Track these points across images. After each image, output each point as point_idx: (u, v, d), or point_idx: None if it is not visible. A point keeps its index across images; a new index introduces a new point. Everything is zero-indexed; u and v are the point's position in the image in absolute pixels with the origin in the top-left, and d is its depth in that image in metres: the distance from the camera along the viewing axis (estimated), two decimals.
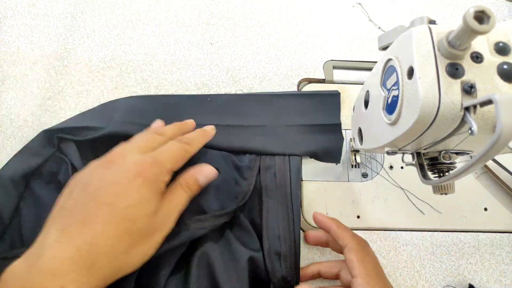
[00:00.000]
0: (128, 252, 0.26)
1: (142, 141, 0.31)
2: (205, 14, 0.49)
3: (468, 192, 0.42)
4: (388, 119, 0.26)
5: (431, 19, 0.25)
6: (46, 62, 0.45)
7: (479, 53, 0.23)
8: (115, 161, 0.28)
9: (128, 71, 0.45)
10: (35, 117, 0.42)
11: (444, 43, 0.22)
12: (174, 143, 0.32)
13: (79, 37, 0.47)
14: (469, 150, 0.27)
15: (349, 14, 0.51)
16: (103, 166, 0.28)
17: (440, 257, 0.39)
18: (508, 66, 0.22)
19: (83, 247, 0.24)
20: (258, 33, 0.49)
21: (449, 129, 0.23)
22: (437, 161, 0.27)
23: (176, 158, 0.31)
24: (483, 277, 0.38)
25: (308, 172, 0.42)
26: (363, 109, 0.33)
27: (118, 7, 0.49)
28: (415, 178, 0.29)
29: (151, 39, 0.47)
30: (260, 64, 0.47)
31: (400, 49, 0.25)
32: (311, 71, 0.47)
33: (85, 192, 0.27)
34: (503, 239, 0.40)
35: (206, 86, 0.45)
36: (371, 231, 0.40)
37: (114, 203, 0.26)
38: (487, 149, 0.19)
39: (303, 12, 0.50)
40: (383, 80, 0.29)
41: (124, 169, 0.28)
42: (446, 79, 0.22)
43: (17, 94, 0.43)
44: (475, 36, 0.21)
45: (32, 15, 0.47)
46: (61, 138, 0.38)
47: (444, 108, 0.22)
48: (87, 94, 0.44)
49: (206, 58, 0.47)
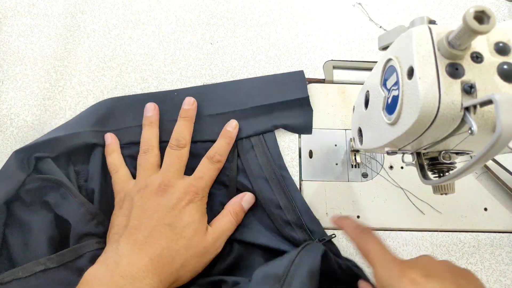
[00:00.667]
0: (183, 266, 0.32)
1: (176, 164, 0.37)
2: (205, 14, 0.49)
3: (468, 192, 0.42)
4: (388, 119, 0.26)
5: (431, 19, 0.25)
6: (46, 62, 0.45)
7: (479, 53, 0.23)
8: (167, 190, 0.34)
9: (128, 71, 0.45)
10: (35, 117, 0.42)
11: (444, 43, 0.22)
12: (209, 167, 0.38)
13: (79, 37, 0.47)
14: (469, 150, 0.27)
15: (349, 14, 0.51)
16: (157, 194, 0.34)
17: (440, 257, 0.39)
18: (508, 66, 0.22)
19: (153, 257, 0.30)
20: (258, 33, 0.49)
21: (449, 129, 0.23)
22: (437, 161, 0.27)
23: (211, 179, 0.38)
24: (483, 277, 0.38)
25: (308, 172, 0.42)
26: (363, 109, 0.33)
27: (118, 7, 0.49)
28: (415, 178, 0.29)
29: (151, 39, 0.47)
30: (260, 64, 0.47)
31: (400, 49, 0.25)
32: (311, 71, 0.47)
33: (145, 215, 0.33)
34: (503, 239, 0.40)
35: None
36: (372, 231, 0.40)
37: (174, 224, 0.33)
38: (487, 149, 0.19)
39: (303, 12, 0.50)
40: (383, 80, 0.29)
41: (176, 197, 0.34)
42: (446, 79, 0.22)
43: (17, 94, 0.43)
44: (475, 36, 0.21)
45: (32, 15, 0.47)
46: (37, 158, 0.37)
47: (444, 108, 0.22)
48: (87, 94, 0.44)
49: (206, 58, 0.47)
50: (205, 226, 0.35)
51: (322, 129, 0.44)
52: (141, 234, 0.32)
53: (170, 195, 0.34)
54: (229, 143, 0.39)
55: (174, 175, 0.36)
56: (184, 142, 0.38)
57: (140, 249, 0.31)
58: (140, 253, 0.30)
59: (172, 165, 0.36)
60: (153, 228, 0.32)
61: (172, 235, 0.32)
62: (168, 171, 0.36)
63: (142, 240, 0.31)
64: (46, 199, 0.36)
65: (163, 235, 0.32)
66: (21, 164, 0.36)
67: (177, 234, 0.33)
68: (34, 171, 0.37)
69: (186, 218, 0.34)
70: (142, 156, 0.38)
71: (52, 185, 0.36)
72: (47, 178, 0.35)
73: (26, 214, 0.35)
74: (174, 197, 0.34)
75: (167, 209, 0.33)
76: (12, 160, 0.35)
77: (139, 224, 0.32)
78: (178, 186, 0.35)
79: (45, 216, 0.35)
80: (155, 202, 0.34)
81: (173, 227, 0.33)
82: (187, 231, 0.33)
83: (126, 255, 0.30)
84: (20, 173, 0.35)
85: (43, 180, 0.35)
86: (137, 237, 0.31)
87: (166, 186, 0.35)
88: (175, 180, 0.36)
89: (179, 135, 0.38)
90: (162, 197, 0.34)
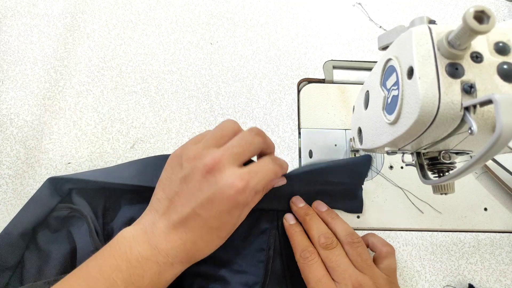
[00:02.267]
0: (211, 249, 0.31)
1: (239, 148, 0.31)
2: (205, 14, 0.49)
3: (468, 192, 0.42)
4: (388, 119, 0.26)
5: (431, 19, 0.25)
6: (46, 62, 0.45)
7: (479, 53, 0.23)
8: (214, 173, 0.29)
9: (128, 71, 0.45)
10: (35, 117, 0.42)
11: (444, 43, 0.22)
12: (269, 164, 0.32)
13: (79, 37, 0.47)
14: (469, 150, 0.27)
15: (349, 14, 0.51)
16: (202, 173, 0.30)
17: (440, 257, 0.39)
18: (508, 66, 0.22)
19: (187, 243, 0.30)
20: (258, 33, 0.49)
21: (449, 129, 0.23)
22: (437, 161, 0.27)
23: (266, 182, 0.32)
24: (483, 277, 0.38)
25: None
26: (363, 109, 0.33)
27: (118, 7, 0.49)
28: (415, 178, 0.29)
29: (151, 39, 0.47)
30: (260, 64, 0.47)
31: (400, 49, 0.25)
32: (311, 71, 0.47)
33: (186, 195, 0.30)
34: (503, 239, 0.40)
35: (206, 86, 0.45)
36: (371, 231, 0.40)
37: (209, 218, 0.30)
38: (487, 149, 0.19)
39: (303, 12, 0.50)
40: (383, 80, 0.29)
41: (219, 187, 0.29)
42: (446, 79, 0.22)
43: (17, 94, 0.43)
44: (475, 36, 0.21)
45: (32, 15, 0.47)
46: (70, 188, 0.37)
47: (444, 108, 0.22)
48: (87, 94, 0.44)
49: (206, 58, 0.47)
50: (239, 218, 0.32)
51: (322, 129, 0.44)
52: (178, 215, 0.30)
53: (214, 182, 0.29)
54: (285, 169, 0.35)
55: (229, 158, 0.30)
56: (264, 135, 0.33)
57: (175, 232, 0.30)
58: (175, 235, 0.30)
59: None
60: (190, 215, 0.30)
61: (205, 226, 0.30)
62: (226, 149, 0.30)
63: (179, 223, 0.30)
64: (70, 229, 0.36)
65: (198, 225, 0.30)
66: (53, 192, 0.36)
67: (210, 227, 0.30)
68: (65, 199, 0.37)
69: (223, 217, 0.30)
70: (246, 133, 0.32)
71: (79, 217, 0.36)
72: (76, 209, 0.36)
73: (49, 243, 0.35)
74: (217, 188, 0.29)
75: (205, 198, 0.29)
76: (46, 186, 0.36)
77: (180, 205, 0.30)
78: (227, 174, 0.30)
79: (65, 248, 0.35)
80: (197, 182, 0.30)
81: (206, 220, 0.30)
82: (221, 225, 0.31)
83: (162, 232, 0.30)
84: (52, 200, 0.36)
85: (72, 210, 0.36)
86: (174, 219, 0.30)
87: (216, 168, 0.30)
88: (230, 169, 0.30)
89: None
90: (206, 180, 0.30)
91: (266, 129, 0.44)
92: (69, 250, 0.35)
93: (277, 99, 0.45)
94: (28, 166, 0.40)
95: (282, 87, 0.46)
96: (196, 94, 0.45)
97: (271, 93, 0.46)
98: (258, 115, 0.45)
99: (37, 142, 0.41)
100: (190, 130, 0.43)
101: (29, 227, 0.35)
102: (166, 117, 0.44)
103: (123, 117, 0.43)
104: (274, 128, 0.44)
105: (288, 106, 0.45)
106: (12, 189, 0.39)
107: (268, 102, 0.45)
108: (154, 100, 0.44)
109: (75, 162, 0.41)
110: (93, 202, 0.37)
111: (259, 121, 0.44)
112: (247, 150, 0.31)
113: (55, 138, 0.42)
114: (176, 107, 0.44)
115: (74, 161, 0.41)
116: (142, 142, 0.42)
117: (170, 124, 0.43)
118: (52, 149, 0.41)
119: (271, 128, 0.44)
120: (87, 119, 0.43)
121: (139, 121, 0.43)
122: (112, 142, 0.42)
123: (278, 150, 0.43)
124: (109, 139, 0.42)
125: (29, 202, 0.35)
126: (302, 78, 0.47)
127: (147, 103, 0.44)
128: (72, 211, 0.36)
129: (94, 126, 0.43)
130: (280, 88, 0.46)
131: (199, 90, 0.45)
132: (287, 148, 0.43)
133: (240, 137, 0.32)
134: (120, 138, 0.42)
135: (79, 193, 0.37)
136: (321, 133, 0.44)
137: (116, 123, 0.43)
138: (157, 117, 0.44)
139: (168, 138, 0.43)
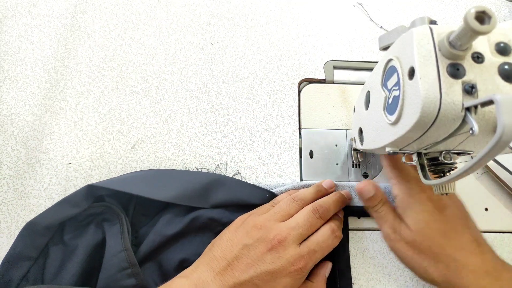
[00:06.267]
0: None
1: (305, 229, 0.33)
2: (206, 14, 0.49)
3: (469, 192, 0.42)
4: (389, 120, 0.26)
5: (432, 19, 0.25)
6: (47, 62, 0.45)
7: (480, 53, 0.23)
8: (278, 249, 0.32)
9: (128, 71, 0.45)
10: (36, 117, 0.42)
11: (445, 44, 0.22)
12: (328, 240, 0.34)
13: (80, 37, 0.47)
14: (470, 150, 0.27)
15: (349, 14, 0.51)
16: (267, 246, 0.32)
17: None
18: (509, 67, 0.22)
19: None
20: (259, 33, 0.49)
21: (450, 129, 0.23)
22: (438, 161, 0.27)
23: (325, 252, 0.34)
24: None
25: (308, 172, 0.42)
26: (364, 109, 0.33)
27: (119, 7, 0.49)
28: None
29: (152, 39, 0.47)
30: (261, 64, 0.47)
31: (401, 49, 0.25)
32: (311, 71, 0.47)
33: (246, 263, 0.31)
34: (503, 239, 0.40)
35: (206, 86, 0.45)
36: (372, 231, 0.40)
37: (264, 283, 0.31)
38: (488, 150, 0.19)
39: (304, 12, 0.50)
40: (384, 81, 0.29)
41: (281, 264, 0.31)
42: (447, 79, 0.22)
43: (18, 94, 0.43)
44: (476, 36, 0.21)
45: (33, 15, 0.47)
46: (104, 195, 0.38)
47: (445, 108, 0.22)
48: (87, 94, 0.44)
49: (206, 58, 0.47)
50: None
51: (322, 129, 0.44)
52: (232, 278, 0.31)
53: (280, 257, 0.31)
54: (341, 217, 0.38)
55: (294, 237, 0.33)
56: (326, 215, 0.35)
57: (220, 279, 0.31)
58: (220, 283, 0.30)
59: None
60: (245, 279, 0.31)
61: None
62: (292, 229, 0.33)
63: (231, 284, 0.30)
64: (103, 224, 0.36)
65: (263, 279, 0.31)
66: (88, 195, 0.37)
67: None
68: (97, 200, 0.38)
69: (278, 286, 0.31)
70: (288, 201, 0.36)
71: (112, 217, 0.36)
72: (112, 208, 0.37)
73: (75, 238, 0.36)
74: (280, 262, 0.31)
75: (265, 266, 0.31)
76: (83, 192, 0.36)
77: (235, 266, 0.31)
78: (290, 252, 0.32)
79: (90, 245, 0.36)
80: (260, 253, 0.32)
81: (279, 283, 0.31)
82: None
83: (211, 281, 0.30)
84: (84, 202, 0.36)
85: (106, 208, 0.37)
86: (229, 279, 0.31)
87: (279, 243, 0.32)
88: (292, 247, 0.32)
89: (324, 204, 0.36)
90: (269, 253, 0.32)
91: (266, 129, 0.44)
92: (95, 247, 0.36)
93: (277, 99, 0.45)
94: (28, 167, 0.40)
95: (282, 87, 0.46)
96: (197, 94, 0.45)
97: (271, 93, 0.46)
98: (259, 115, 0.45)
99: (37, 142, 0.41)
100: (190, 130, 0.43)
101: (55, 222, 0.35)
102: (167, 117, 0.44)
103: (124, 118, 0.43)
104: (274, 128, 0.44)
105: (289, 106, 0.45)
106: (13, 189, 0.39)
107: (269, 102, 0.45)
108: (154, 100, 0.44)
109: (75, 163, 0.41)
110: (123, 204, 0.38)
111: (259, 121, 0.44)
112: (310, 231, 0.34)
113: (56, 138, 0.42)
114: (176, 107, 0.44)
115: (75, 161, 0.41)
116: (143, 142, 0.42)
117: (171, 124, 0.43)
118: (52, 149, 0.41)
119: (272, 128, 0.44)
120: (87, 119, 0.43)
121: (140, 121, 0.43)
122: (112, 142, 0.42)
123: (278, 150, 0.43)
124: (110, 139, 0.42)
125: (62, 201, 0.36)
126: (303, 78, 0.47)
127: (148, 104, 0.44)
128: (106, 209, 0.37)
129: (95, 127, 0.43)
130: (280, 88, 0.46)
131: (200, 90, 0.45)
132: (287, 148, 0.43)
133: (308, 220, 0.34)
134: (120, 138, 0.42)
135: (111, 195, 0.38)
136: (322, 133, 0.44)
137: (117, 123, 0.43)
138: (158, 117, 0.44)
139: (169, 138, 0.43)
